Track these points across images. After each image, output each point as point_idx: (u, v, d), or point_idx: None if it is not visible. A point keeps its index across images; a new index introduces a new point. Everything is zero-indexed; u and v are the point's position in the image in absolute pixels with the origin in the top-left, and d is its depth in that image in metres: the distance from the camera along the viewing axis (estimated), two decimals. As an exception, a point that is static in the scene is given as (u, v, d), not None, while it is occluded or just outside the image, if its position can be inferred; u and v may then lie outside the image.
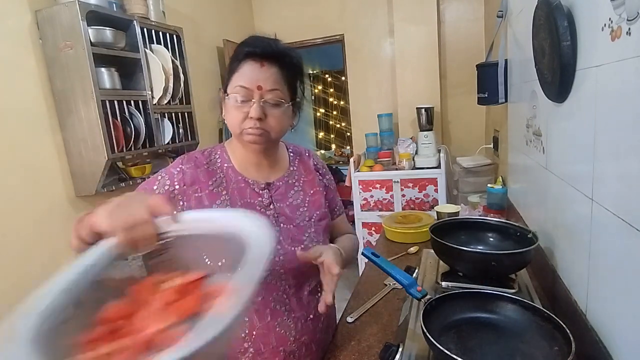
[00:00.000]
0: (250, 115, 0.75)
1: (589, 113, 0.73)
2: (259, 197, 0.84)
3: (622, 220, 0.60)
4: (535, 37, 1.00)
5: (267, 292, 0.80)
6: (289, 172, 0.90)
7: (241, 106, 0.76)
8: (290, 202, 0.87)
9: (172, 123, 2.05)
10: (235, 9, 3.13)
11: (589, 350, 0.70)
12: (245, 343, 0.80)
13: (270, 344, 0.80)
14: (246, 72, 0.76)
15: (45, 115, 1.60)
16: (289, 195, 0.87)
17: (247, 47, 0.77)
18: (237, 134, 0.80)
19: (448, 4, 2.88)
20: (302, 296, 0.84)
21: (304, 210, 0.88)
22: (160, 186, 0.79)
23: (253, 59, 0.76)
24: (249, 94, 0.76)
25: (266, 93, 0.76)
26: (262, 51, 0.76)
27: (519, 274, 1.03)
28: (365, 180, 2.57)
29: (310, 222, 0.87)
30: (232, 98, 0.77)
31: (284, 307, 0.82)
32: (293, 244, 0.83)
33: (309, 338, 0.85)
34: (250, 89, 0.75)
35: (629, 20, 0.56)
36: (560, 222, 0.95)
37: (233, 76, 0.78)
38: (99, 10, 1.60)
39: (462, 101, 2.92)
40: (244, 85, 0.75)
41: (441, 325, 0.77)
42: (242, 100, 0.76)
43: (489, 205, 1.66)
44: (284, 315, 0.81)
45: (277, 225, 0.83)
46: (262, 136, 0.78)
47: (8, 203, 1.44)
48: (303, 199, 0.89)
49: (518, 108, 1.44)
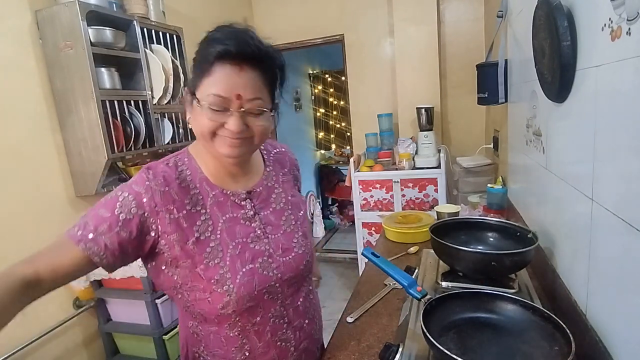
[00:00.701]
0: (230, 128, 0.65)
1: (588, 113, 0.73)
2: (242, 209, 0.75)
3: (622, 220, 0.60)
4: (535, 37, 1.00)
5: (265, 310, 0.74)
6: (266, 174, 0.82)
7: (215, 116, 0.65)
8: (274, 207, 0.80)
9: (172, 123, 2.05)
10: (235, 9, 3.13)
11: (589, 350, 0.70)
12: None
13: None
14: (222, 78, 0.63)
15: (45, 115, 1.60)
16: (271, 200, 0.80)
17: (219, 45, 0.63)
18: (207, 143, 0.68)
19: (448, 4, 2.88)
20: (297, 305, 0.80)
21: (288, 215, 0.81)
22: (125, 210, 0.64)
23: (229, 61, 0.63)
24: (226, 103, 0.64)
25: (246, 102, 0.65)
26: (240, 51, 0.63)
27: (519, 274, 1.04)
28: (365, 180, 2.57)
29: (297, 226, 0.82)
30: (204, 106, 0.65)
31: (282, 320, 0.76)
32: (284, 255, 0.76)
33: (308, 342, 0.83)
34: (228, 98, 0.64)
35: (629, 20, 0.56)
36: (560, 222, 0.95)
37: (204, 80, 0.65)
38: (99, 10, 1.60)
39: (462, 101, 2.92)
40: (219, 95, 0.63)
41: (441, 325, 0.77)
42: (216, 110, 0.64)
43: (489, 205, 1.66)
44: (283, 328, 0.77)
45: (265, 237, 0.75)
46: (240, 148, 0.68)
47: (8, 203, 1.44)
48: (286, 201, 0.83)
49: (518, 108, 1.44)
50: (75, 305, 1.68)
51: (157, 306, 1.68)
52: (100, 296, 1.75)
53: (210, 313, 0.70)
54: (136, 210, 0.65)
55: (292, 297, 0.78)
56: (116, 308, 1.78)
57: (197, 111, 0.67)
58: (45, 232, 1.56)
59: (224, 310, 0.69)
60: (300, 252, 0.79)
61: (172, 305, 1.76)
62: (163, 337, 1.70)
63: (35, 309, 1.50)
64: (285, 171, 0.87)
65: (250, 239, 0.73)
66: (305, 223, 0.85)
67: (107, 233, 0.63)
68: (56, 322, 1.57)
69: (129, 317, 1.76)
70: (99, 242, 0.62)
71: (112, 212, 0.64)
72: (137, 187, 0.67)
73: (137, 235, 0.65)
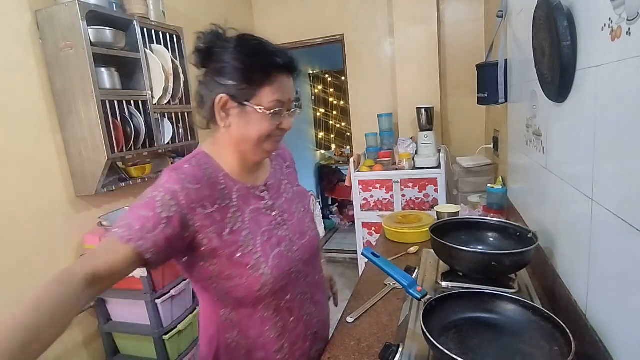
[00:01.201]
0: (286, 127, 0.79)
1: (589, 113, 0.73)
2: (262, 200, 0.84)
3: (622, 220, 0.60)
4: (535, 37, 1.00)
5: (293, 288, 0.84)
6: (274, 168, 0.92)
7: (276, 118, 0.76)
8: (286, 197, 0.90)
9: (172, 123, 2.05)
10: (235, 9, 3.13)
11: (589, 350, 0.70)
12: (280, 340, 0.83)
13: (301, 335, 0.86)
14: (281, 86, 0.75)
15: (45, 115, 1.60)
16: (282, 191, 0.90)
17: (274, 59, 0.74)
18: (257, 145, 0.78)
19: (448, 4, 2.88)
20: (315, 280, 0.91)
21: (297, 203, 0.92)
22: (165, 208, 0.68)
23: (283, 71, 0.76)
24: (282, 106, 0.77)
25: (291, 104, 0.79)
26: (288, 63, 0.76)
27: (519, 274, 1.04)
28: (365, 180, 2.57)
29: (306, 211, 0.93)
30: (267, 111, 0.74)
31: (306, 296, 0.88)
32: (301, 238, 0.87)
33: (324, 314, 0.96)
34: (284, 102, 0.77)
35: (629, 20, 0.56)
36: (560, 222, 0.95)
37: (264, 88, 0.74)
38: (99, 10, 1.60)
39: (462, 101, 2.92)
40: (281, 100, 0.76)
41: (441, 325, 0.77)
42: (276, 114, 0.76)
43: (489, 205, 1.66)
44: (307, 302, 0.88)
45: (284, 224, 0.85)
46: (280, 143, 0.82)
47: (8, 203, 1.44)
48: (293, 190, 0.94)
49: (518, 108, 1.44)
50: (75, 305, 1.68)
51: (157, 306, 1.68)
52: (100, 296, 1.75)
53: (248, 297, 0.77)
54: (176, 208, 0.69)
55: (311, 275, 0.90)
56: (116, 308, 1.78)
57: (252, 117, 0.75)
58: (45, 232, 1.56)
59: (261, 291, 0.76)
60: (313, 235, 0.91)
61: (172, 305, 1.77)
62: (163, 337, 1.70)
63: (35, 309, 1.50)
64: (287, 165, 0.98)
65: (273, 226, 0.83)
66: (310, 209, 0.96)
67: (153, 231, 0.67)
68: (56, 322, 1.57)
69: (129, 317, 1.76)
70: (147, 239, 0.66)
71: (153, 211, 0.68)
72: (173, 186, 0.71)
73: (179, 231, 0.70)
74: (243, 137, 0.77)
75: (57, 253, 1.61)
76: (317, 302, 0.91)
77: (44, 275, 1.57)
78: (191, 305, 1.92)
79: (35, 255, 1.52)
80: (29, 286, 1.49)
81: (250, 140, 0.77)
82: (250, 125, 0.76)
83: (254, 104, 0.74)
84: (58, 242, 1.62)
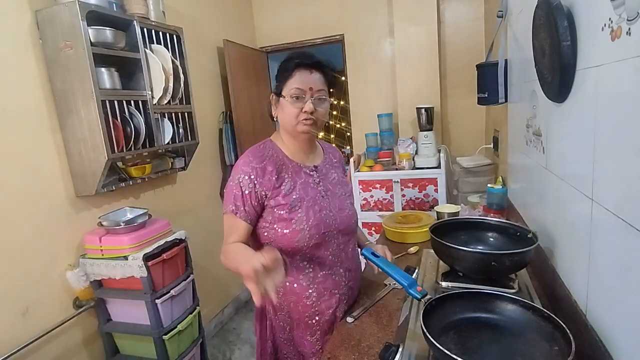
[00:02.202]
0: (305, 109, 0.97)
1: (588, 113, 0.73)
2: (311, 177, 1.06)
3: (622, 220, 0.60)
4: (535, 37, 1.00)
5: (326, 248, 1.03)
6: (325, 159, 1.14)
7: (296, 103, 0.98)
8: (331, 180, 1.11)
9: (172, 123, 2.05)
10: (235, 9, 3.13)
11: (589, 350, 0.70)
12: (309, 289, 1.02)
13: (328, 289, 1.04)
14: (299, 77, 0.98)
15: (45, 115, 1.60)
16: (329, 176, 1.11)
17: (296, 60, 0.99)
18: (292, 126, 1.00)
19: (448, 4, 2.88)
20: (348, 252, 1.09)
21: (340, 187, 1.12)
22: (244, 185, 0.98)
23: (304, 67, 0.98)
24: (303, 94, 0.98)
25: (315, 92, 0.98)
26: (310, 61, 0.99)
27: (519, 274, 1.04)
28: (366, 180, 2.57)
29: (347, 196, 1.13)
30: (289, 98, 0.98)
31: (337, 259, 1.05)
32: (340, 212, 1.06)
33: (353, 284, 1.11)
34: (304, 90, 0.98)
35: (629, 20, 0.56)
36: (560, 222, 0.95)
37: (288, 82, 0.99)
38: (99, 10, 1.60)
39: (462, 101, 2.92)
40: (299, 87, 0.97)
41: (441, 325, 0.77)
42: (297, 98, 0.98)
43: (489, 205, 1.66)
44: (337, 265, 1.05)
45: (327, 198, 1.05)
46: (312, 125, 1.00)
47: (8, 203, 1.44)
48: (339, 179, 1.14)
49: (518, 108, 1.44)
50: (75, 305, 1.68)
51: (157, 306, 1.68)
52: (100, 296, 1.74)
53: (289, 245, 0.99)
54: (252, 185, 0.98)
55: (344, 245, 1.08)
56: (116, 308, 1.78)
57: (284, 105, 1.00)
58: (45, 232, 1.56)
59: (298, 243, 0.98)
60: (350, 213, 1.10)
61: (172, 305, 1.77)
62: (163, 337, 1.70)
63: (35, 309, 1.50)
64: (336, 161, 1.19)
65: (317, 197, 1.04)
66: (351, 196, 1.16)
67: (245, 204, 0.98)
68: (56, 322, 1.57)
69: (129, 317, 1.75)
70: (243, 210, 0.98)
71: (240, 190, 0.98)
72: (245, 168, 0.99)
73: (257, 200, 0.99)
74: (283, 121, 1.03)
75: (57, 253, 1.61)
76: (347, 269, 1.08)
77: (44, 275, 1.58)
78: (191, 306, 1.92)
79: (35, 255, 1.52)
80: (29, 286, 1.49)
81: (287, 123, 1.01)
82: (284, 111, 1.00)
83: (284, 94, 0.99)
84: (58, 242, 1.62)
